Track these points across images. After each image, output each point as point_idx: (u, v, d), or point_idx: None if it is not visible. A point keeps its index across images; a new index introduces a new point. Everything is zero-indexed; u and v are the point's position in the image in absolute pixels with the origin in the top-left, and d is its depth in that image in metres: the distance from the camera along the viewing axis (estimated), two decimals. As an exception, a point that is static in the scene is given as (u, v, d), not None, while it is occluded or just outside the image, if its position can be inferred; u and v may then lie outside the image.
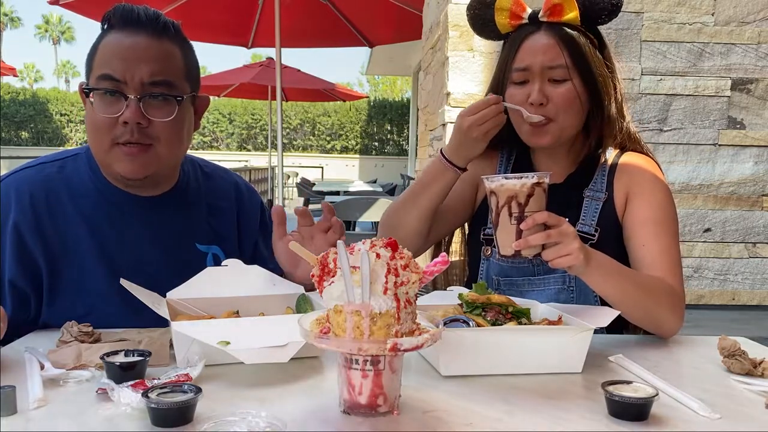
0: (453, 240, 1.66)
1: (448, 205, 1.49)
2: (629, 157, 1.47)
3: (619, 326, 1.43)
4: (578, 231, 1.39)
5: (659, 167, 1.49)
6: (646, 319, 1.26)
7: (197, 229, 1.40)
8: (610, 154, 1.48)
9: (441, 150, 1.42)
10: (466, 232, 1.64)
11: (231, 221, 1.48)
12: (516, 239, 1.11)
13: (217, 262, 1.38)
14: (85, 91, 1.27)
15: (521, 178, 1.11)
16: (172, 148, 1.30)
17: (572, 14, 1.35)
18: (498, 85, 1.43)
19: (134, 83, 1.23)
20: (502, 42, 1.50)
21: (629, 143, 1.48)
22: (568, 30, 1.37)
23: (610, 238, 1.40)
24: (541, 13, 1.38)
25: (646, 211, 1.39)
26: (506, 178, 1.12)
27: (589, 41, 1.39)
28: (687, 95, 3.72)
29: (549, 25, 1.37)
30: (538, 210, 1.11)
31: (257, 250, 1.52)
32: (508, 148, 1.55)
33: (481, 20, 1.45)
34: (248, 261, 1.28)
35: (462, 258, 1.65)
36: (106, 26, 1.29)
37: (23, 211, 1.26)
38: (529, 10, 1.40)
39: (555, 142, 1.40)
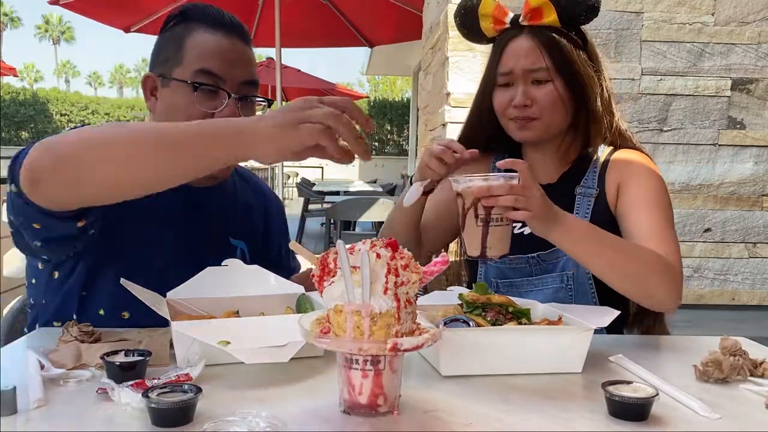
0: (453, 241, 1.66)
1: (439, 216, 1.51)
2: (620, 153, 1.48)
3: (619, 326, 1.43)
4: None
5: (651, 161, 1.49)
6: (633, 288, 1.25)
7: (232, 224, 1.43)
8: (603, 152, 1.49)
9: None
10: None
11: (259, 221, 1.51)
12: (482, 241, 1.12)
13: (243, 258, 1.39)
14: (166, 81, 1.28)
15: (487, 179, 1.11)
16: None
17: (551, 17, 1.38)
18: (486, 88, 1.47)
19: (233, 82, 1.29)
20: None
21: (620, 140, 1.50)
22: (549, 32, 1.39)
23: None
24: (521, 17, 1.41)
25: (638, 194, 1.40)
26: (472, 180, 1.12)
27: (571, 42, 1.41)
28: (687, 95, 3.72)
29: (531, 28, 1.40)
30: (501, 213, 1.12)
31: (280, 255, 1.54)
32: (500, 150, 1.57)
33: (468, 26, 1.48)
34: (271, 264, 1.30)
35: (458, 259, 1.66)
36: (180, 22, 1.31)
37: None
38: (511, 15, 1.43)
39: (541, 138, 1.44)
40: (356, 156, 0.97)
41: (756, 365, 1.02)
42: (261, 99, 1.36)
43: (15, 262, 4.93)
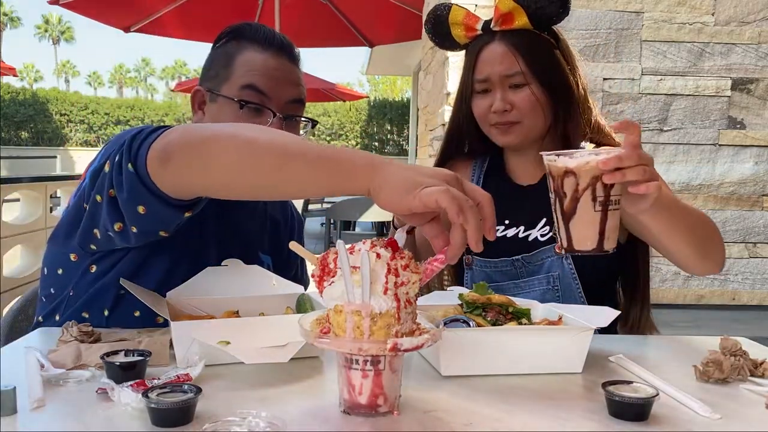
0: None
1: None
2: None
3: (613, 324, 1.43)
4: (556, 232, 1.40)
5: None
6: (698, 249, 1.25)
7: (262, 238, 1.45)
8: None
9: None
10: None
11: (284, 236, 1.52)
12: (600, 230, 0.96)
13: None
14: (213, 96, 1.31)
15: (609, 153, 0.94)
16: None
17: (522, 20, 1.38)
18: (463, 96, 1.47)
19: (279, 101, 1.31)
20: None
21: (599, 136, 1.49)
22: (522, 36, 1.39)
23: None
24: (492, 23, 1.41)
25: None
26: (589, 154, 0.95)
27: (544, 43, 1.41)
28: (687, 95, 3.72)
29: (503, 33, 1.40)
30: (621, 194, 0.96)
31: (297, 272, 1.55)
32: (482, 156, 1.58)
33: (439, 35, 1.48)
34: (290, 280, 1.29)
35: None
36: (232, 39, 1.35)
37: None
38: (482, 21, 1.43)
39: (523, 141, 1.44)
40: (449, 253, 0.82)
41: (756, 365, 1.02)
42: (306, 119, 1.38)
43: (15, 262, 4.93)
